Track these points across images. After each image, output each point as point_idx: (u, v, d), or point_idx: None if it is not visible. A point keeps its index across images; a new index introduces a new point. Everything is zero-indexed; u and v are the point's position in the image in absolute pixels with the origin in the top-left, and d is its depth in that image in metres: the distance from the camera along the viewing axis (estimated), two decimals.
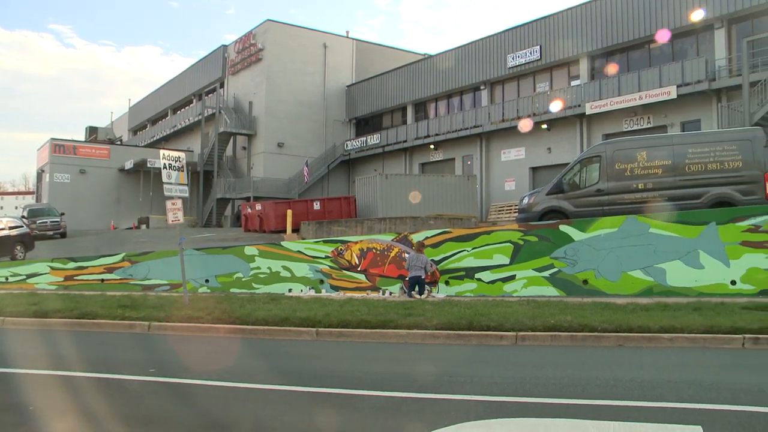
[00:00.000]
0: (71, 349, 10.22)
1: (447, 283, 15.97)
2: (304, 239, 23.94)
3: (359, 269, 16.95)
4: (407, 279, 15.58)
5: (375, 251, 16.92)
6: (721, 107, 27.07)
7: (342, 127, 50.17)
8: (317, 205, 34.05)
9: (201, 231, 38.00)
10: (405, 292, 15.59)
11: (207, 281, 18.10)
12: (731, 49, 28.07)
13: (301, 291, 16.89)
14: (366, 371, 8.33)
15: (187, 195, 15.37)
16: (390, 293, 16.17)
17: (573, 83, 34.44)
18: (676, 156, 16.05)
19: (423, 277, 15.32)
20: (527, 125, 33.85)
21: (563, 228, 15.14)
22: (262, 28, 48.01)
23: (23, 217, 33.64)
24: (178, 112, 60.38)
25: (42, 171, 53.26)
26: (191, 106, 57.21)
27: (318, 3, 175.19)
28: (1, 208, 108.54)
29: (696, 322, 9.93)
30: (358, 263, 16.97)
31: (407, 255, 16.04)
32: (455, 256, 15.93)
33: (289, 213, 30.69)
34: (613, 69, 31.94)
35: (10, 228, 24.62)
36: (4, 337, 11.61)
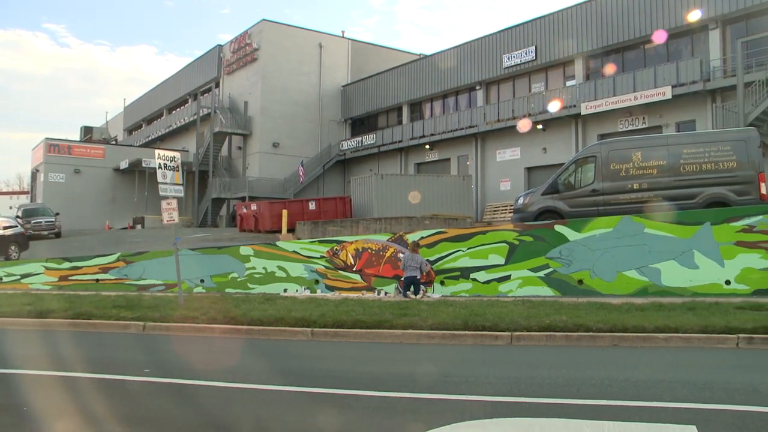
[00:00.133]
0: (65, 350, 10.19)
1: (442, 283, 15.98)
2: (299, 239, 23.93)
3: (354, 269, 16.94)
4: (402, 279, 15.57)
5: (370, 251, 16.91)
6: (716, 108, 27.15)
7: (337, 127, 50.15)
8: (312, 205, 34.03)
9: (196, 231, 37.95)
10: (400, 292, 15.58)
11: (202, 281, 18.07)
12: (726, 50, 28.16)
13: (297, 291, 16.88)
14: (361, 371, 8.33)
15: (182, 195, 15.33)
16: (385, 293, 16.16)
17: (568, 83, 34.51)
18: (671, 156, 16.10)
19: (418, 277, 15.32)
20: (526, 125, 33.86)
21: (558, 228, 15.16)
22: (257, 27, 47.96)
23: (18, 217, 33.55)
24: (173, 111, 60.29)
25: (36, 171, 53.12)
26: (186, 105, 57.12)
27: (313, 3, 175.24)
28: None
29: (691, 321, 9.95)
30: (353, 263, 16.96)
31: (402, 255, 16.03)
32: (450, 256, 15.93)
33: (285, 213, 30.66)
34: (609, 69, 32.03)
35: (4, 228, 24.56)
36: None
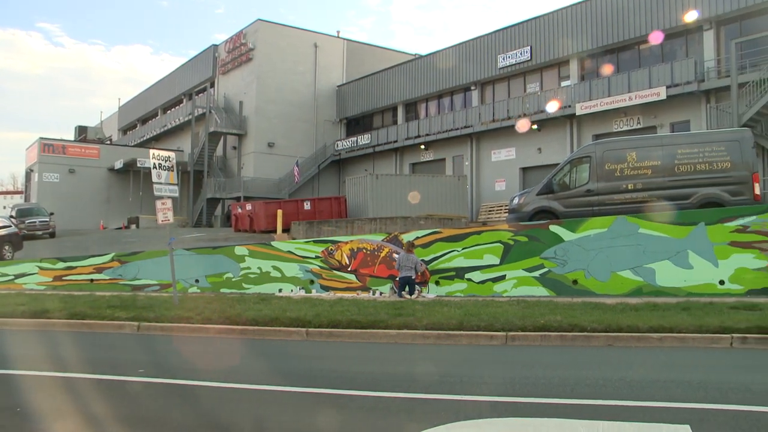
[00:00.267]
0: (59, 350, 10.16)
1: (437, 283, 15.99)
2: (294, 239, 23.91)
3: (349, 269, 16.93)
4: (397, 279, 15.59)
5: (365, 251, 16.91)
6: (710, 108, 27.24)
7: (332, 127, 50.11)
8: (307, 205, 34.00)
9: (191, 231, 37.86)
10: (395, 292, 15.59)
11: (197, 281, 18.04)
12: (720, 51, 28.23)
13: (292, 291, 16.87)
14: (356, 371, 8.32)
15: (177, 195, 15.31)
16: (380, 293, 16.17)
17: (563, 84, 34.55)
18: (665, 157, 16.14)
19: (413, 278, 15.33)
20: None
21: (553, 228, 15.18)
22: (252, 27, 47.89)
23: (12, 217, 33.38)
24: (168, 111, 60.15)
25: (31, 170, 52.93)
26: (181, 105, 57.00)
27: (309, 3, 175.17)
28: None
29: (685, 321, 9.98)
30: (348, 263, 16.96)
31: (397, 255, 16.04)
32: (445, 256, 15.94)
33: (280, 213, 30.64)
34: (604, 70, 32.08)
35: None
36: None
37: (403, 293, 15.15)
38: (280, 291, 16.91)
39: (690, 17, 28.08)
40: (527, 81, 37.10)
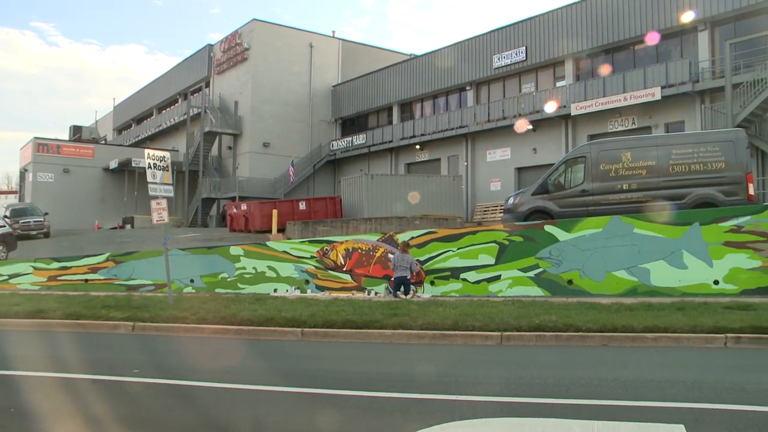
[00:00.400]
0: (54, 350, 10.12)
1: (432, 284, 15.99)
2: (289, 239, 23.89)
3: (345, 269, 16.93)
4: (392, 279, 15.58)
5: (360, 251, 16.91)
6: (705, 109, 27.31)
7: (328, 127, 50.08)
8: (303, 205, 33.97)
9: (186, 231, 37.80)
10: (390, 292, 15.58)
11: (192, 281, 18.01)
12: (714, 52, 28.31)
13: (287, 291, 16.85)
14: (351, 371, 8.32)
15: (172, 195, 15.27)
16: (375, 293, 16.16)
17: (558, 84, 34.60)
18: (660, 157, 16.18)
19: (408, 278, 15.33)
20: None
21: (548, 228, 15.19)
22: (247, 27, 47.83)
23: (6, 217, 33.24)
24: (163, 111, 60.03)
25: (25, 170, 52.77)
26: (176, 105, 56.88)
27: (304, 2, 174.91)
28: None
29: (679, 321, 10.00)
30: (343, 263, 16.95)
31: (392, 255, 16.03)
32: (440, 256, 15.95)
33: (275, 213, 30.59)
34: (599, 70, 32.13)
35: None
36: None
37: (399, 293, 15.15)
38: (275, 291, 16.89)
39: (687, 18, 28.14)
40: (522, 81, 37.13)
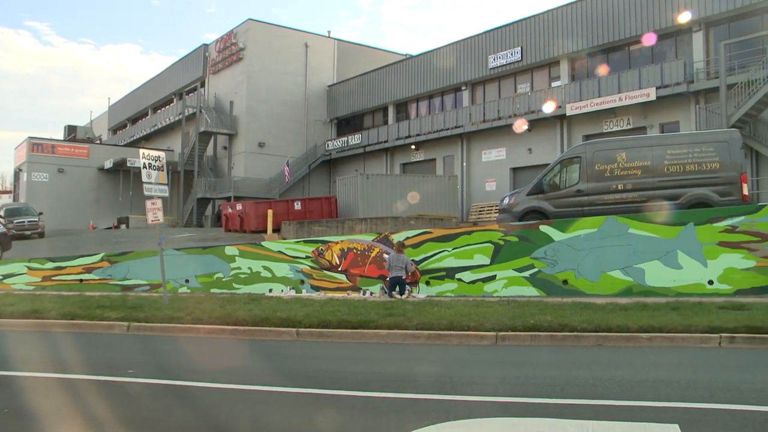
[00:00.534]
0: (48, 350, 10.09)
1: (427, 284, 15.99)
2: (284, 239, 23.86)
3: (340, 269, 16.92)
4: (388, 279, 15.58)
5: (356, 251, 16.90)
6: (699, 109, 27.38)
7: (323, 127, 50.05)
8: (298, 205, 33.95)
9: (181, 231, 37.71)
10: (385, 292, 15.58)
11: (187, 281, 17.98)
12: (709, 52, 28.38)
13: (282, 291, 16.84)
14: (346, 371, 8.31)
15: (167, 195, 15.25)
16: (370, 293, 16.16)
17: (554, 84, 34.63)
18: (654, 157, 16.22)
19: (403, 278, 15.33)
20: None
21: (543, 228, 15.21)
22: (243, 27, 47.77)
23: (0, 217, 33.18)
24: (158, 111, 59.91)
25: (20, 170, 52.59)
26: (172, 105, 56.77)
27: (300, 2, 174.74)
28: None
29: (674, 321, 10.03)
30: (338, 263, 16.94)
31: (388, 255, 16.04)
32: (436, 256, 15.95)
33: (270, 213, 30.57)
34: (594, 70, 32.16)
35: None
36: None
37: (394, 293, 15.15)
38: (270, 291, 16.87)
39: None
40: (518, 81, 37.17)
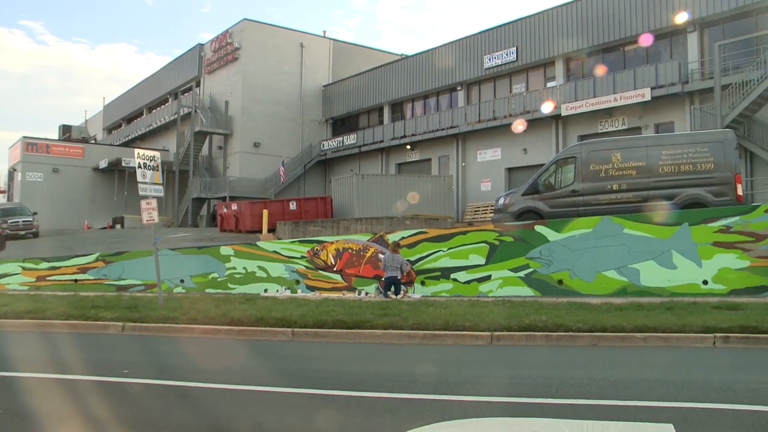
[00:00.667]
0: (43, 351, 10.06)
1: (423, 284, 16.00)
2: (280, 239, 23.84)
3: (335, 269, 16.91)
4: (383, 279, 15.58)
5: (351, 251, 16.90)
6: (694, 110, 27.44)
7: (318, 127, 50.00)
8: (293, 205, 33.90)
9: (176, 231, 37.64)
10: (381, 292, 15.58)
11: (182, 281, 17.95)
12: (704, 53, 28.45)
13: (277, 291, 16.82)
14: (341, 371, 8.31)
15: (162, 194, 15.22)
16: (366, 293, 16.16)
17: (549, 84, 34.65)
18: (649, 157, 16.26)
19: (399, 278, 15.34)
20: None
21: (538, 228, 15.24)
22: (238, 27, 47.70)
23: None
24: (153, 111, 59.75)
25: (14, 170, 52.42)
26: (167, 105, 56.64)
27: (295, 2, 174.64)
28: None
29: (669, 321, 10.05)
30: (334, 263, 16.94)
31: (383, 255, 16.04)
32: (431, 256, 15.96)
33: (265, 213, 30.52)
34: (590, 71, 32.22)
35: None
36: None
37: (389, 293, 15.15)
38: (265, 291, 16.86)
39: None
40: (513, 82, 37.18)
